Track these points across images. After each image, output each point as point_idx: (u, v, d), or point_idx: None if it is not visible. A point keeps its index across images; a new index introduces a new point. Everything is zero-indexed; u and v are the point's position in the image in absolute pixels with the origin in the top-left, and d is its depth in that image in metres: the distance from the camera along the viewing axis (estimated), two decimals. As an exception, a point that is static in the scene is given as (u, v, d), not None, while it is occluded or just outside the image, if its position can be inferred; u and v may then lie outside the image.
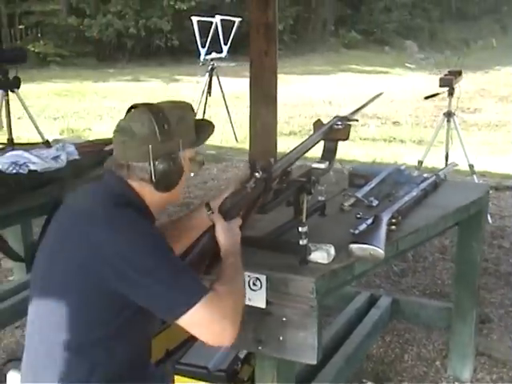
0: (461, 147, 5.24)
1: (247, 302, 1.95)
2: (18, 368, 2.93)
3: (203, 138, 1.86)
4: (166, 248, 1.69)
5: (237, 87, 11.59)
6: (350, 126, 2.59)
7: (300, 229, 2.05)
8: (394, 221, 2.39)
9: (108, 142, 3.69)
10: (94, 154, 3.49)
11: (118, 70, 16.61)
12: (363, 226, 2.32)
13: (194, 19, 8.36)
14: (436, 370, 3.15)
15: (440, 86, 5.08)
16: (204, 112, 8.58)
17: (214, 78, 8.41)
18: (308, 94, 13.53)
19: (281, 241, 2.20)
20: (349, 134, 2.59)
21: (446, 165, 4.22)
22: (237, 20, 8.59)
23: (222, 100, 8.64)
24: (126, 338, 1.70)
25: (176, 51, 18.01)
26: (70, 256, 1.65)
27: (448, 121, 5.17)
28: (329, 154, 2.58)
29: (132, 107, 1.81)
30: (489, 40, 29.82)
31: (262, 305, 2.00)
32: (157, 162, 1.71)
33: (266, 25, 3.44)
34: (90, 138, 4.98)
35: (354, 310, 3.17)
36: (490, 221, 4.98)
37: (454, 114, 5.15)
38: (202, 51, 8.30)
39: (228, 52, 8.59)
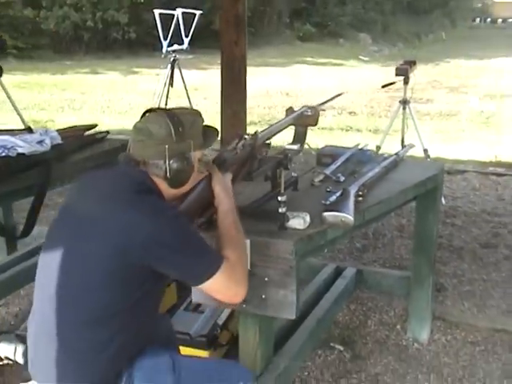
0: (415, 134, 5.55)
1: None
2: (6, 340, 3.16)
3: (210, 141, 2.10)
4: (187, 224, 1.92)
5: (195, 79, 11.80)
6: (318, 113, 2.87)
7: (279, 198, 2.31)
8: (360, 193, 2.66)
9: (87, 128, 3.89)
10: (75, 139, 3.68)
11: (76, 63, 16.60)
12: (333, 198, 2.58)
13: (156, 12, 8.50)
14: (397, 333, 3.44)
15: (396, 75, 5.37)
16: (166, 104, 8.74)
17: (176, 70, 8.58)
18: (265, 86, 13.77)
19: (262, 209, 2.44)
20: (317, 121, 2.87)
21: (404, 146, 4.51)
22: (198, 13, 8.78)
23: (182, 92, 8.83)
24: (142, 308, 1.91)
25: (133, 44, 18.07)
26: (98, 237, 1.83)
27: (404, 108, 5.48)
28: (299, 137, 2.86)
29: (148, 111, 2.03)
30: (439, 33, 30.53)
31: (247, 267, 2.23)
32: (171, 161, 1.93)
33: (236, 16, 3.67)
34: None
35: (321, 280, 3.43)
36: (444, 201, 5.31)
37: (410, 102, 5.46)
38: (164, 43, 8.45)
39: (189, 44, 8.77)
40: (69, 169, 3.45)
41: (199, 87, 12.47)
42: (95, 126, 3.98)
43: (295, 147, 2.71)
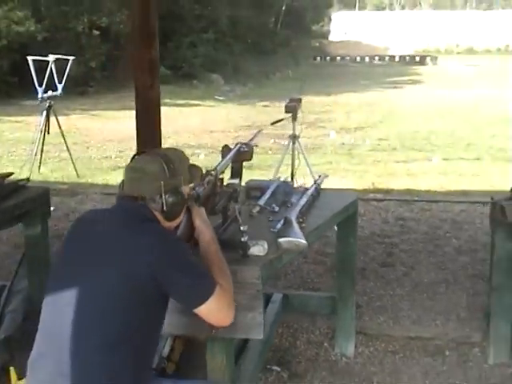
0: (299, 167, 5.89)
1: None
2: None
3: (196, 176, 2.31)
4: (188, 249, 2.11)
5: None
6: (253, 149, 3.12)
7: (241, 228, 2.53)
8: (301, 220, 2.92)
9: (5, 176, 3.89)
10: (-5, 187, 3.67)
11: None
12: (279, 226, 2.82)
13: (30, 58, 8.45)
14: (325, 350, 3.71)
15: (285, 112, 5.73)
16: (42, 150, 8.66)
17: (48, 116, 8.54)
18: (131, 129, 13.80)
19: (223, 239, 2.62)
20: (252, 156, 3.12)
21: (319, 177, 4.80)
22: (71, 58, 8.81)
23: (52, 138, 8.87)
24: (150, 335, 2.07)
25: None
26: (109, 265, 1.98)
27: (293, 143, 5.84)
28: (237, 172, 3.08)
29: (137, 154, 2.22)
30: (285, 72, 31.85)
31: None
32: (167, 195, 2.11)
33: (149, 60, 3.84)
34: None
35: (253, 306, 3.64)
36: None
37: (299, 137, 5.83)
38: (40, 90, 8.39)
39: (63, 90, 8.76)
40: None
41: (65, 133, 12.32)
42: (11, 173, 3.98)
43: (236, 181, 2.94)
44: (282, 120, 5.89)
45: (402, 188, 7.50)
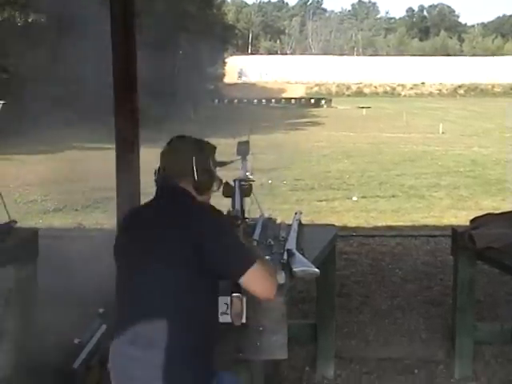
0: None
1: (228, 320, 2.58)
2: None
3: (219, 163, 2.65)
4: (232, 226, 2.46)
5: None
6: (251, 184, 3.43)
7: (266, 258, 2.82)
8: (301, 252, 3.21)
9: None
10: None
11: None
12: (285, 257, 3.10)
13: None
14: (307, 373, 3.99)
15: (237, 154, 6.01)
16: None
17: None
18: (46, 172, 13.70)
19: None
20: (251, 191, 3.43)
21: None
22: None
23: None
24: (213, 319, 2.38)
25: None
26: (171, 241, 2.24)
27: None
28: (242, 208, 3.40)
29: (171, 140, 2.50)
30: (186, 114, 32.19)
31: (243, 320, 2.64)
32: (198, 171, 2.38)
33: (131, 108, 4.08)
34: None
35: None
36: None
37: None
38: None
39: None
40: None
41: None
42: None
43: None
44: (232, 162, 6.16)
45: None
